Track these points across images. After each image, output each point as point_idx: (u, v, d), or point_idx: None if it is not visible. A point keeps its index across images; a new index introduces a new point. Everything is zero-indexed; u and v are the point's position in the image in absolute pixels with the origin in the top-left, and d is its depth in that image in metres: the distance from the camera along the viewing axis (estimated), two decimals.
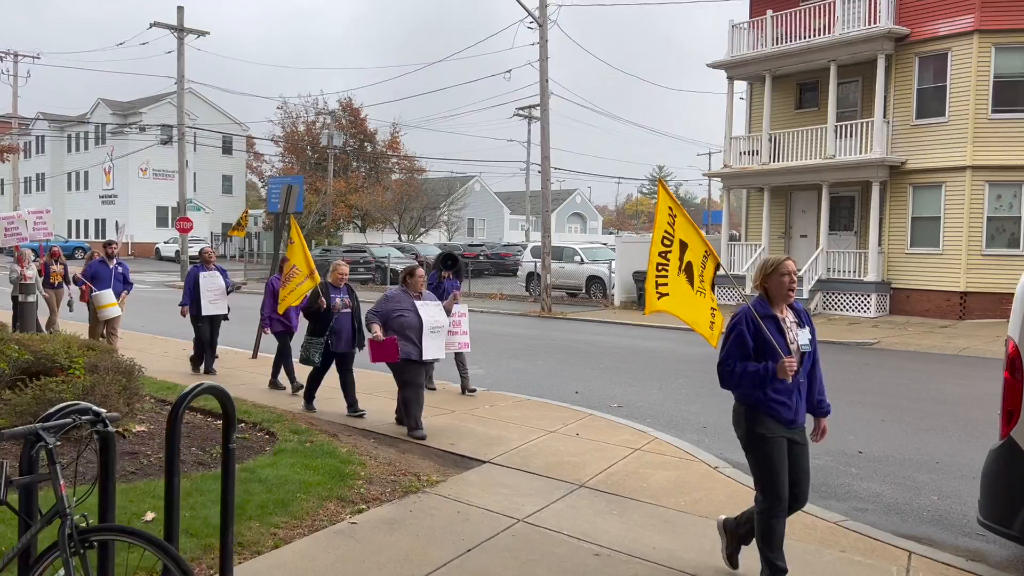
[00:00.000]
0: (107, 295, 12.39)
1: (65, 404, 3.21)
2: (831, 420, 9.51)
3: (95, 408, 3.18)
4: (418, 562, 4.80)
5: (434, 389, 10.23)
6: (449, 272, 10.47)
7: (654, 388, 11.50)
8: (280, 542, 5.00)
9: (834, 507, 6.41)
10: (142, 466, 6.35)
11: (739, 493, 6.40)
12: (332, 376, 9.24)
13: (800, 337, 4.55)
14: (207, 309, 11.50)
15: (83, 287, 12.79)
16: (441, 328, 8.23)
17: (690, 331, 19.81)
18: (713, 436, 8.72)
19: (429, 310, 8.10)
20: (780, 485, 4.44)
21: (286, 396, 10.03)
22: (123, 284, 13.01)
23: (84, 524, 3.06)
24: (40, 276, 14.86)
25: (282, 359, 10.65)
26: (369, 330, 7.87)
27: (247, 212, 19.51)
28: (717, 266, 5.01)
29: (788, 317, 4.58)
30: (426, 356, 7.93)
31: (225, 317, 11.89)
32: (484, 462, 7.12)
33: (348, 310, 9.00)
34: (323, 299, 8.79)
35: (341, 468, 6.48)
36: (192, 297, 11.52)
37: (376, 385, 10.26)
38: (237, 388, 10.24)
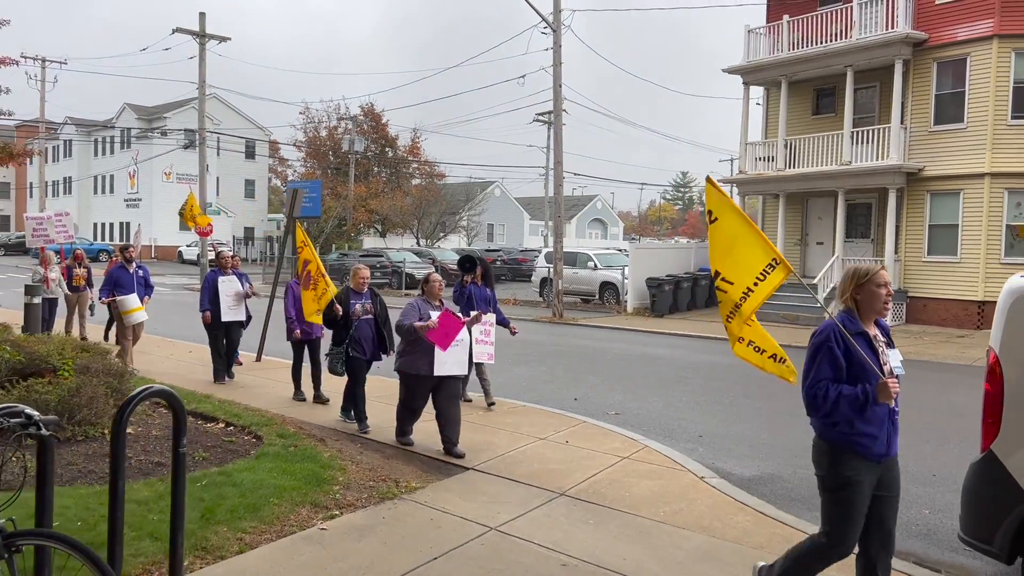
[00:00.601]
0: (131, 300, 11.78)
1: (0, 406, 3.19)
2: None
3: (28, 411, 3.17)
4: (380, 570, 4.74)
5: (469, 401, 9.91)
6: (470, 276, 9.85)
7: (655, 396, 11.37)
8: (245, 547, 4.97)
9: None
10: None
11: (721, 504, 6.29)
12: (338, 379, 9.18)
13: (892, 358, 4.07)
14: (225, 315, 10.95)
15: (108, 300, 12.45)
16: (460, 342, 7.40)
17: (698, 339, 19.59)
18: (708, 445, 8.60)
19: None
20: (852, 535, 3.99)
21: (285, 401, 9.98)
22: (144, 288, 12.56)
23: (12, 528, 3.04)
24: (63, 279, 14.77)
25: (295, 367, 10.18)
26: (413, 332, 7.22)
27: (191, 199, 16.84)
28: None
29: (878, 335, 4.09)
30: (438, 371, 7.26)
31: (242, 324, 11.37)
32: (467, 469, 7.06)
33: (369, 316, 8.45)
34: (338, 306, 8.33)
35: (320, 473, 6.45)
36: (211, 302, 10.95)
37: (372, 390, 10.21)
38: (235, 391, 10.28)
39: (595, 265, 27.02)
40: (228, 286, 11.03)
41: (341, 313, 8.33)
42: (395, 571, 4.73)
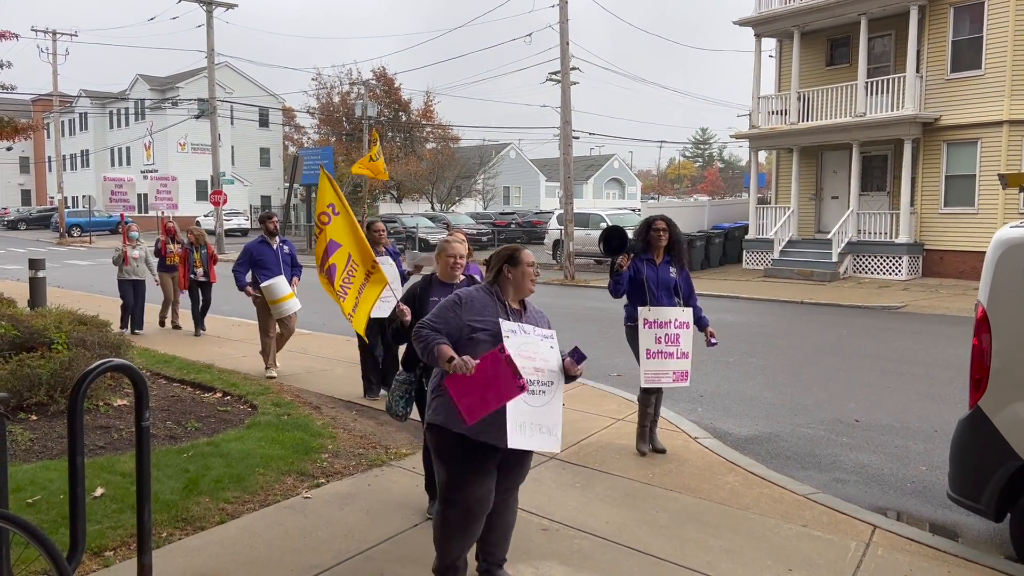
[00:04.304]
0: (280, 285, 9.24)
1: None
2: (833, 387, 9.25)
3: None
4: (359, 538, 4.74)
5: (662, 452, 6.49)
6: (626, 259, 6.21)
7: None
8: (227, 518, 4.98)
9: (813, 479, 6.22)
10: (112, 440, 6.39)
11: (712, 465, 6.23)
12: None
13: None
14: (377, 308, 7.40)
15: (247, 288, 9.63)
16: (548, 386, 3.85)
17: (708, 297, 19.46)
18: (707, 405, 8.53)
19: (521, 344, 3.79)
20: None
21: (286, 371, 9.94)
22: (291, 269, 9.76)
23: None
24: (150, 256, 12.94)
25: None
26: (430, 358, 3.81)
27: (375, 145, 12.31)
28: None
29: None
30: (512, 441, 3.68)
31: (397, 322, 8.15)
32: None
33: None
34: (404, 308, 5.04)
35: (309, 442, 6.44)
36: None
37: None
38: (239, 360, 10.29)
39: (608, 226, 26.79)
40: (387, 270, 7.14)
41: (408, 319, 4.98)
42: (373, 539, 4.73)
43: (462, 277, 5.04)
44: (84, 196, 56.83)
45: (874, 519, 5.16)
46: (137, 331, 12.46)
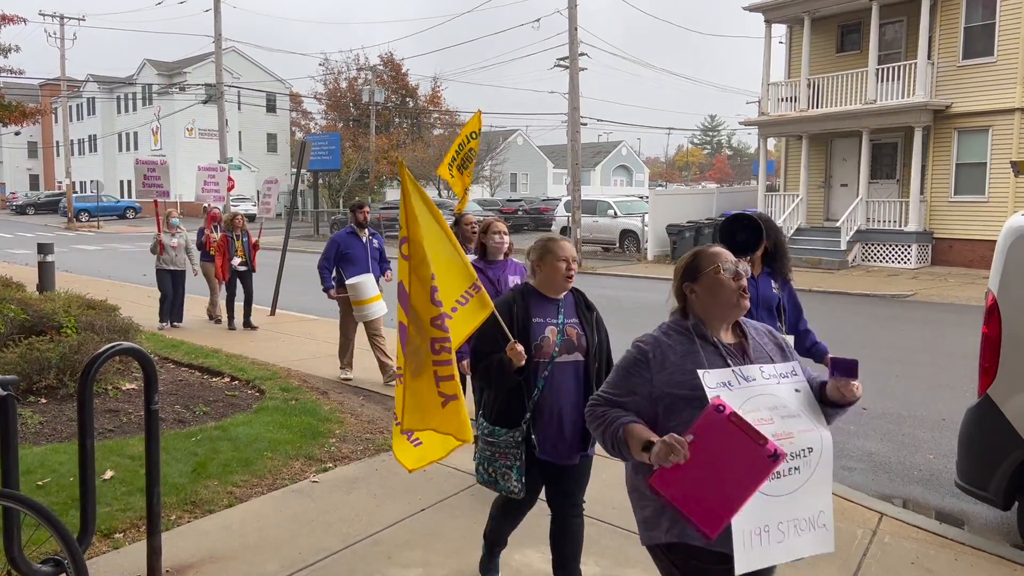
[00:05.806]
0: (367, 284, 8.07)
1: None
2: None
3: None
4: (367, 521, 4.76)
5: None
6: (747, 260, 4.18)
7: None
8: (235, 501, 5.01)
9: None
10: (121, 424, 6.42)
11: None
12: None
13: None
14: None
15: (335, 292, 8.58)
16: (801, 458, 2.42)
17: None
18: None
19: (743, 402, 2.41)
20: None
21: (307, 361, 9.95)
22: (379, 265, 8.70)
23: None
24: (190, 247, 12.14)
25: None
26: (617, 448, 2.62)
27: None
28: None
29: None
30: (743, 564, 2.32)
31: None
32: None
33: (578, 356, 3.63)
34: (519, 350, 3.49)
35: (316, 426, 6.47)
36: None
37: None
38: (247, 346, 10.33)
39: (615, 213, 26.75)
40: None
41: (523, 357, 3.50)
42: (381, 523, 4.75)
43: (566, 291, 3.67)
44: (92, 181, 56.99)
45: (881, 507, 5.16)
46: (176, 324, 11.80)
